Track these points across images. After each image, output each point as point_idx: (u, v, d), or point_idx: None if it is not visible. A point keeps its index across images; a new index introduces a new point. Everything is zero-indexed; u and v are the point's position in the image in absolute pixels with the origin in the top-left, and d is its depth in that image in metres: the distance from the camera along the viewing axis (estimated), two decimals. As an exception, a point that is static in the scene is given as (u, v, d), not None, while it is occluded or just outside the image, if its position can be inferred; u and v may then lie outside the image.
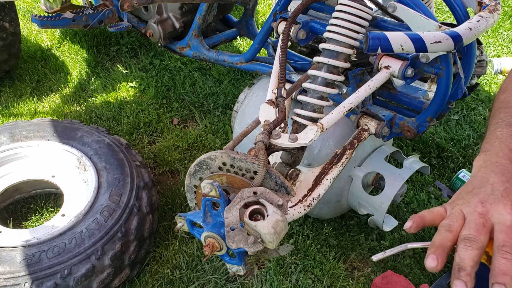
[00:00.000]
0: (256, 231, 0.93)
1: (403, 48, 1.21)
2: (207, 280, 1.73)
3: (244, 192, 0.99)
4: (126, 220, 1.63)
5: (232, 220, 0.94)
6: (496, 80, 2.85)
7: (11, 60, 2.61)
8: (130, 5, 1.82)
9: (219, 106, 2.55)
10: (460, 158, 2.28)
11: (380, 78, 1.38)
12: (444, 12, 3.53)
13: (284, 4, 1.63)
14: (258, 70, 1.91)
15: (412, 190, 2.10)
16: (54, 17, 2.10)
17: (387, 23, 1.45)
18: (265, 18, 3.33)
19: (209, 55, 2.08)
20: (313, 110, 1.34)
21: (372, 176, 1.68)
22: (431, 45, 1.20)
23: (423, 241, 0.87)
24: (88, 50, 2.94)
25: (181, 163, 2.21)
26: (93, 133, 1.91)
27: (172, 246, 1.83)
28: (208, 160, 1.14)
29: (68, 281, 1.47)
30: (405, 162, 1.61)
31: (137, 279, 1.71)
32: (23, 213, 1.96)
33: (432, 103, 1.45)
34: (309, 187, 1.25)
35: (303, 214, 1.20)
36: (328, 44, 1.36)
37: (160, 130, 2.40)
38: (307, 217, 1.94)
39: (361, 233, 1.93)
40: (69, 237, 1.54)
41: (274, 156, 1.32)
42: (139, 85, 2.68)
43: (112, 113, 2.47)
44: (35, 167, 1.88)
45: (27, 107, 2.52)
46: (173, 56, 2.87)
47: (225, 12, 2.30)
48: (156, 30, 2.12)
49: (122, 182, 1.73)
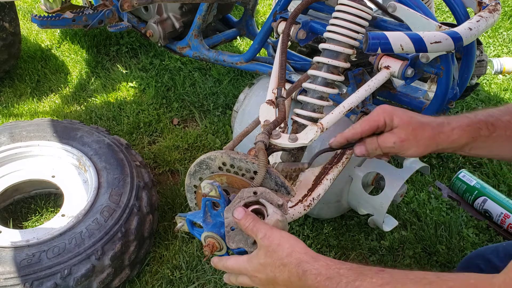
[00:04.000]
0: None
1: (403, 48, 1.21)
2: (207, 280, 1.73)
3: (244, 192, 0.99)
4: (126, 220, 1.63)
5: (232, 220, 0.94)
6: (496, 80, 2.85)
7: (11, 60, 2.61)
8: (130, 5, 1.82)
9: (219, 106, 2.55)
10: (460, 158, 2.28)
11: (380, 78, 1.38)
12: (444, 12, 3.53)
13: (284, 4, 1.63)
14: (258, 70, 1.91)
15: (412, 190, 2.10)
16: (54, 17, 2.10)
17: (387, 23, 1.45)
18: (265, 18, 3.33)
19: (209, 55, 2.08)
20: (313, 110, 1.34)
21: (372, 176, 1.68)
22: (431, 45, 1.20)
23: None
24: (88, 50, 2.94)
25: (181, 163, 2.21)
26: (93, 133, 1.91)
27: (172, 246, 1.83)
28: (208, 160, 1.14)
29: (68, 281, 1.47)
30: (405, 162, 1.61)
31: (137, 279, 1.71)
32: (23, 213, 1.95)
33: (432, 103, 1.46)
34: (309, 187, 1.25)
35: (303, 214, 1.20)
36: (328, 44, 1.35)
37: (160, 130, 2.40)
38: (307, 217, 1.94)
39: (361, 233, 1.93)
40: (69, 237, 1.54)
41: (274, 156, 1.32)
42: (139, 85, 2.68)
43: (112, 113, 2.47)
44: (35, 167, 1.88)
45: (27, 107, 2.52)
46: (173, 56, 2.87)
47: (225, 12, 2.30)
48: (156, 30, 2.12)
49: (122, 182, 1.73)
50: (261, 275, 0.88)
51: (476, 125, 0.98)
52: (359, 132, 1.05)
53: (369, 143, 1.05)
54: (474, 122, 0.99)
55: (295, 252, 0.83)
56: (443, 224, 1.93)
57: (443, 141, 0.99)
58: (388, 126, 1.02)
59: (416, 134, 0.98)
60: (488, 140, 0.99)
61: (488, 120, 0.98)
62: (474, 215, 2.02)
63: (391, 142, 1.00)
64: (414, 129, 0.99)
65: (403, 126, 0.99)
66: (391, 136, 1.01)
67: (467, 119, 0.99)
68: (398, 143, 1.00)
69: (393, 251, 1.87)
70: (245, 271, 0.90)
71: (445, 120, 1.00)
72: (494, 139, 0.98)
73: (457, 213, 2.00)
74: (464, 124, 0.98)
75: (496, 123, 0.98)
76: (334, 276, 0.76)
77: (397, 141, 0.99)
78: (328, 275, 0.77)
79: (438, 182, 2.16)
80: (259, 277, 0.88)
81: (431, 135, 0.99)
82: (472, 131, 0.98)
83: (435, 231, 1.91)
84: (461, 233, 1.91)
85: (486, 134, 0.98)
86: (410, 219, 1.97)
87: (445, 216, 1.97)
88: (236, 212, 0.91)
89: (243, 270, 0.91)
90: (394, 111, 1.01)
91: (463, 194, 2.09)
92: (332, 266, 0.78)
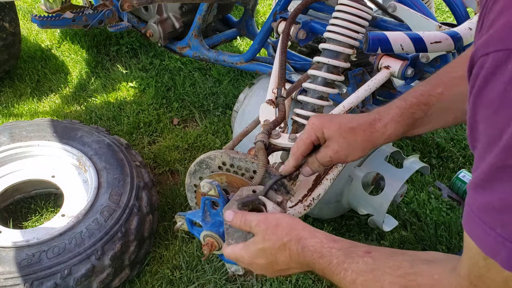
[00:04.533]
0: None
1: (403, 48, 1.21)
2: (207, 280, 1.72)
3: (243, 190, 0.99)
4: (126, 220, 1.63)
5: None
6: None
7: (11, 60, 2.61)
8: (130, 5, 1.82)
9: (219, 106, 2.55)
10: (460, 158, 2.28)
11: (380, 78, 1.38)
12: (444, 12, 3.53)
13: (284, 4, 1.63)
14: (258, 70, 1.91)
15: (412, 190, 2.10)
16: (54, 17, 2.10)
17: (387, 23, 1.45)
18: (265, 18, 3.33)
19: (209, 55, 2.08)
20: (313, 110, 1.34)
21: (372, 176, 1.68)
22: (431, 45, 1.20)
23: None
24: (88, 50, 2.94)
25: (181, 163, 2.21)
26: (93, 133, 1.91)
27: (172, 246, 1.83)
28: (207, 160, 1.14)
29: (68, 281, 1.47)
30: (405, 162, 1.61)
31: (137, 279, 1.71)
32: (23, 213, 1.95)
33: (432, 103, 1.45)
34: (309, 187, 1.25)
35: (303, 214, 1.20)
36: (328, 44, 1.35)
37: (160, 130, 2.40)
38: (307, 217, 1.93)
39: (361, 233, 1.93)
40: (69, 237, 1.54)
41: (274, 156, 1.32)
42: (139, 85, 2.68)
43: (112, 113, 2.47)
44: (35, 167, 1.88)
45: (27, 107, 2.52)
46: (173, 56, 2.87)
47: (225, 12, 2.30)
48: (156, 30, 2.12)
49: (122, 182, 1.73)
50: (259, 260, 0.88)
51: (409, 111, 0.95)
52: (299, 155, 1.04)
53: (311, 163, 1.05)
54: (405, 109, 0.95)
55: (294, 229, 0.85)
56: (443, 224, 1.93)
57: (379, 139, 0.97)
58: (322, 139, 1.01)
59: (348, 141, 0.97)
60: (425, 119, 0.96)
61: (420, 100, 0.95)
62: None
63: (327, 156, 1.00)
64: (345, 137, 0.97)
65: (334, 137, 0.98)
66: (326, 150, 1.00)
67: (398, 109, 0.96)
68: (334, 156, 0.99)
69: (393, 251, 1.87)
70: (241, 258, 0.91)
71: (376, 116, 0.98)
72: (431, 117, 0.96)
73: (457, 213, 2.00)
74: (396, 115, 0.96)
75: (428, 100, 0.94)
76: (326, 255, 0.79)
77: (332, 154, 0.99)
78: (322, 253, 0.80)
79: (438, 182, 2.16)
80: (258, 262, 0.88)
81: (364, 138, 0.97)
82: (406, 119, 0.96)
83: (435, 231, 1.91)
84: (461, 233, 1.91)
85: (422, 115, 0.95)
86: (410, 219, 1.97)
87: (445, 216, 1.97)
88: (226, 215, 0.92)
89: (239, 258, 0.91)
90: (323, 124, 0.99)
91: (463, 194, 2.09)
92: (326, 245, 0.81)
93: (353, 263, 0.76)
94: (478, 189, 0.55)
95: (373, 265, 0.74)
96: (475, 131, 0.55)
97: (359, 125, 0.97)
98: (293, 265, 0.85)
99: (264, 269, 0.90)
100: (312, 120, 1.01)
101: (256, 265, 0.90)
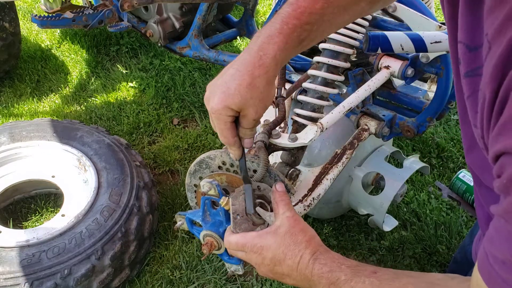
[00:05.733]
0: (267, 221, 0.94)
1: (403, 48, 1.21)
2: (207, 280, 1.72)
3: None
4: (126, 220, 1.63)
5: (239, 208, 0.94)
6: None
7: (11, 60, 2.61)
8: (130, 5, 1.82)
9: (219, 106, 2.55)
10: (460, 158, 2.28)
11: (380, 78, 1.38)
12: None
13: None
14: (258, 70, 1.90)
15: (412, 190, 2.10)
16: (54, 17, 2.10)
17: (387, 23, 1.45)
18: (265, 18, 3.33)
19: (209, 55, 2.08)
20: (313, 110, 1.34)
21: (372, 176, 1.68)
22: (431, 45, 1.20)
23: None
24: (88, 50, 2.94)
25: (181, 163, 2.21)
26: (93, 133, 1.91)
27: (172, 246, 1.83)
28: (207, 159, 1.14)
29: (68, 281, 1.47)
30: (405, 162, 1.61)
31: (137, 279, 1.71)
32: (23, 213, 1.95)
33: (432, 103, 1.45)
34: (309, 187, 1.25)
35: (303, 214, 1.20)
36: (328, 44, 1.35)
37: (160, 130, 2.40)
38: (307, 217, 1.94)
39: (361, 233, 1.93)
40: (69, 237, 1.54)
41: (274, 156, 1.32)
42: (139, 85, 2.68)
43: (112, 113, 2.47)
44: (35, 167, 1.88)
45: (27, 107, 2.52)
46: (173, 56, 2.87)
47: (225, 12, 2.31)
48: (156, 30, 2.12)
49: (122, 182, 1.73)
50: (267, 253, 0.87)
51: (293, 35, 0.87)
52: (231, 138, 0.95)
53: (244, 134, 0.96)
54: (289, 35, 0.86)
55: (313, 242, 0.87)
56: (443, 224, 1.93)
57: (274, 71, 0.89)
58: (235, 113, 0.92)
59: (255, 95, 0.89)
60: (311, 35, 0.89)
61: (302, 21, 0.86)
62: (474, 215, 2.02)
63: (251, 120, 0.91)
64: (251, 96, 0.88)
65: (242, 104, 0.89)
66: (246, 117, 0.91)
67: (282, 37, 0.86)
68: (256, 115, 0.91)
69: (393, 251, 1.87)
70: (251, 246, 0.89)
71: (261, 53, 0.88)
72: (317, 31, 0.89)
73: (457, 213, 2.00)
74: (282, 43, 0.86)
75: (309, 19, 0.87)
76: (336, 270, 0.81)
77: (253, 116, 0.91)
78: (332, 268, 0.82)
79: (438, 182, 2.16)
80: (264, 254, 0.87)
81: (263, 82, 0.89)
82: (292, 44, 0.87)
83: (435, 231, 1.91)
84: (461, 233, 1.91)
85: (307, 34, 0.88)
86: (410, 219, 1.97)
87: (445, 216, 1.97)
88: (278, 186, 0.94)
89: (247, 245, 0.89)
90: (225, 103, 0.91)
91: (463, 194, 2.09)
92: (337, 260, 0.83)
93: (360, 282, 0.77)
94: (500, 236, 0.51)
95: (379, 286, 0.76)
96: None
97: (250, 74, 0.90)
98: (295, 274, 0.85)
99: (264, 264, 0.88)
100: (213, 109, 0.94)
101: (259, 256, 0.88)
